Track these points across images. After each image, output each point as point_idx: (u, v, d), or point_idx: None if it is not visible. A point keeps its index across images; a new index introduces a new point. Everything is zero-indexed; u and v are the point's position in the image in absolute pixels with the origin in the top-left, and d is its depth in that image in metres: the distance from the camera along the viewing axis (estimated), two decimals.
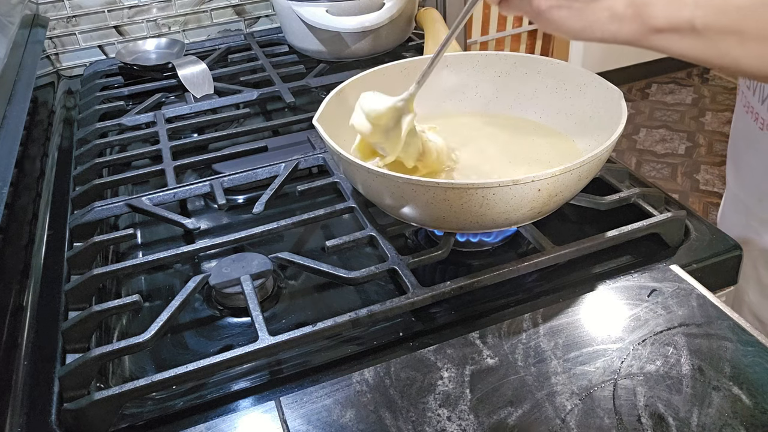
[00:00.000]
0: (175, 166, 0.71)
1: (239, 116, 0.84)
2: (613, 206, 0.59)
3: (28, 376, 0.49)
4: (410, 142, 0.56)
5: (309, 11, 0.93)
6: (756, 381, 0.42)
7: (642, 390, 0.42)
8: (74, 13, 1.06)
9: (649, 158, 2.40)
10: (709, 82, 2.92)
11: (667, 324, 0.47)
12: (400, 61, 0.68)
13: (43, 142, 0.86)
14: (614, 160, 0.66)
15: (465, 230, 0.55)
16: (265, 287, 0.55)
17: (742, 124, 0.69)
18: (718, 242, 0.57)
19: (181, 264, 0.61)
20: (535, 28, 2.45)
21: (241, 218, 0.68)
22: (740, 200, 0.72)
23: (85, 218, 0.63)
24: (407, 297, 0.50)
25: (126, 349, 0.46)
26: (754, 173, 0.69)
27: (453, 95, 0.71)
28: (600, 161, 0.51)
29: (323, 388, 0.44)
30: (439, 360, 0.45)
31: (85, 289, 0.54)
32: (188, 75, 0.93)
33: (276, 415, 0.43)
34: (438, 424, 0.41)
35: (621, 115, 0.54)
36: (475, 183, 0.47)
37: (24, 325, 0.53)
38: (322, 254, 0.60)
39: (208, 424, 0.43)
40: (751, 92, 0.65)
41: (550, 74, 0.66)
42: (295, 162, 0.69)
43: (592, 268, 0.56)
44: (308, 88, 0.90)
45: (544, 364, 0.44)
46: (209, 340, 0.52)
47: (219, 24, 1.15)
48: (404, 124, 0.55)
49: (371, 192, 0.54)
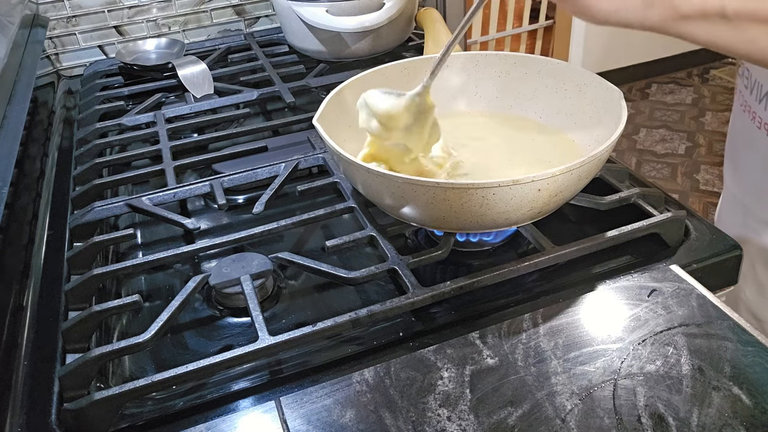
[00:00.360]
0: (175, 166, 0.71)
1: (239, 116, 0.84)
2: (613, 206, 0.59)
3: (28, 376, 0.49)
4: (432, 133, 0.57)
5: (309, 11, 0.92)
6: (756, 381, 0.42)
7: (642, 390, 0.42)
8: (74, 13, 1.06)
9: (649, 158, 2.40)
10: (709, 82, 2.92)
11: (667, 324, 0.47)
12: (400, 61, 0.68)
13: (43, 142, 0.86)
14: (614, 160, 0.66)
15: (465, 230, 0.55)
16: (265, 287, 0.55)
17: (740, 123, 0.69)
18: (718, 242, 0.57)
19: (181, 264, 0.61)
20: (535, 28, 2.45)
21: (241, 218, 0.68)
22: (738, 200, 0.72)
23: (85, 218, 0.63)
24: (407, 297, 0.50)
25: (126, 349, 0.46)
26: (752, 172, 0.69)
27: (453, 95, 0.71)
28: (600, 161, 0.51)
29: (323, 388, 0.44)
30: (439, 360, 0.45)
31: (85, 289, 0.54)
32: (188, 75, 0.93)
33: (276, 415, 0.43)
34: (438, 424, 0.41)
35: (621, 115, 0.54)
36: (475, 183, 0.47)
37: (24, 325, 0.53)
38: (322, 254, 0.60)
39: (208, 424, 0.43)
40: (749, 91, 0.65)
41: (550, 74, 0.66)
42: (295, 162, 0.69)
43: (592, 268, 0.56)
44: (308, 88, 0.90)
45: (544, 364, 0.44)
46: (209, 340, 0.52)
47: (219, 24, 1.15)
48: (427, 119, 0.55)
49: (371, 192, 0.54)
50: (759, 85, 0.63)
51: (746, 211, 0.70)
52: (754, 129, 0.65)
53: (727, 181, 0.76)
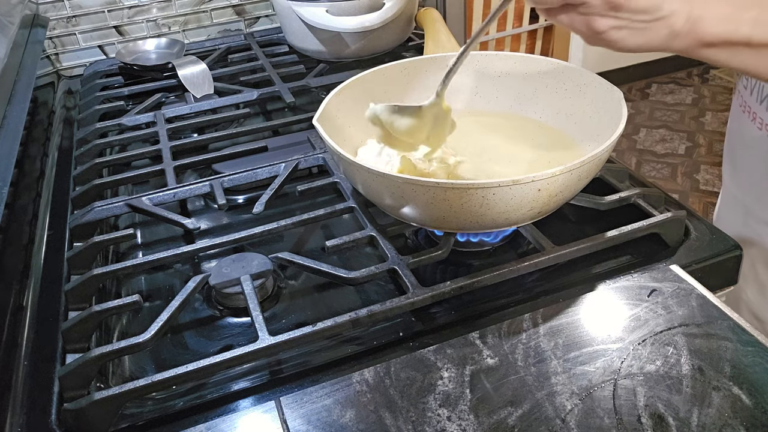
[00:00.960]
0: (175, 166, 0.71)
1: (239, 116, 0.84)
2: (613, 206, 0.59)
3: (28, 376, 0.49)
4: (450, 131, 0.59)
5: (309, 11, 0.92)
6: (756, 381, 0.42)
7: (642, 390, 0.42)
8: (74, 13, 1.06)
9: (649, 158, 2.40)
10: (709, 82, 2.92)
11: (667, 324, 0.47)
12: (400, 61, 0.68)
13: (43, 142, 0.86)
14: (614, 160, 0.66)
15: (465, 230, 0.55)
16: (265, 287, 0.55)
17: (739, 124, 0.69)
18: (718, 242, 0.57)
19: (181, 264, 0.61)
20: (535, 28, 2.45)
21: (241, 218, 0.68)
22: (738, 200, 0.72)
23: (85, 218, 0.63)
24: (407, 297, 0.50)
25: (126, 349, 0.46)
26: (753, 173, 0.69)
27: (453, 95, 0.70)
28: (600, 161, 0.51)
29: (323, 388, 0.44)
30: (439, 360, 0.45)
31: (85, 289, 0.54)
32: (188, 75, 0.93)
33: (276, 415, 0.43)
34: (438, 424, 0.41)
35: (621, 115, 0.54)
36: (475, 183, 0.47)
37: (24, 325, 0.53)
38: (322, 254, 0.60)
39: (208, 424, 0.43)
40: (749, 92, 0.65)
41: (550, 74, 0.66)
42: (295, 162, 0.69)
43: (592, 268, 0.56)
44: (308, 88, 0.90)
45: (544, 364, 0.44)
46: (209, 340, 0.52)
47: (219, 24, 1.15)
48: (446, 122, 0.58)
49: (371, 192, 0.54)
50: (760, 86, 0.63)
51: (747, 212, 0.70)
52: (755, 130, 0.65)
53: (726, 182, 0.76)
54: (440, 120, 0.57)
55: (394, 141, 0.57)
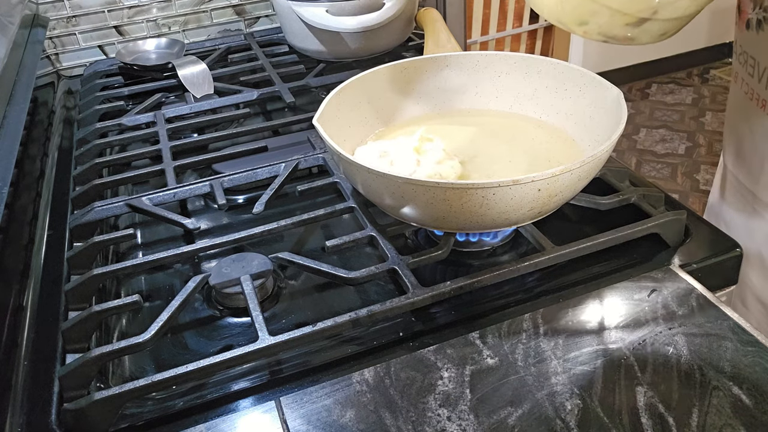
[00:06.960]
0: (175, 166, 0.71)
1: (239, 116, 0.84)
2: (613, 206, 0.59)
3: (28, 376, 0.49)
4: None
5: (309, 11, 0.92)
6: (756, 381, 0.42)
7: (642, 390, 0.42)
8: (74, 13, 1.06)
9: (649, 158, 2.40)
10: (709, 82, 2.92)
11: (667, 324, 0.47)
12: (400, 61, 0.68)
13: (43, 142, 0.86)
14: (614, 160, 0.66)
15: (465, 230, 0.55)
16: (265, 287, 0.55)
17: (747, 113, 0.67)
18: (718, 242, 0.57)
19: (181, 264, 0.61)
20: (535, 28, 2.45)
21: (241, 218, 0.68)
22: (744, 186, 0.71)
23: (85, 218, 0.63)
24: (407, 297, 0.50)
25: (126, 349, 0.46)
26: (764, 161, 0.67)
27: (453, 95, 0.71)
28: (600, 161, 0.51)
29: (323, 388, 0.44)
30: (439, 360, 0.45)
31: (85, 289, 0.54)
32: (188, 75, 0.93)
33: (276, 415, 0.43)
34: (438, 424, 0.41)
35: (621, 115, 0.54)
36: (475, 183, 0.47)
37: (24, 325, 0.53)
38: (322, 254, 0.60)
39: (208, 424, 0.43)
40: (756, 80, 0.63)
41: (550, 74, 0.66)
42: (295, 162, 0.69)
43: (592, 268, 0.56)
44: (308, 88, 0.90)
45: (544, 364, 0.44)
46: (209, 340, 0.52)
47: (219, 24, 1.15)
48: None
49: (371, 192, 0.54)
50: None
51: (754, 198, 0.69)
52: (765, 116, 0.63)
53: (729, 168, 0.75)
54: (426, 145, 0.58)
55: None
